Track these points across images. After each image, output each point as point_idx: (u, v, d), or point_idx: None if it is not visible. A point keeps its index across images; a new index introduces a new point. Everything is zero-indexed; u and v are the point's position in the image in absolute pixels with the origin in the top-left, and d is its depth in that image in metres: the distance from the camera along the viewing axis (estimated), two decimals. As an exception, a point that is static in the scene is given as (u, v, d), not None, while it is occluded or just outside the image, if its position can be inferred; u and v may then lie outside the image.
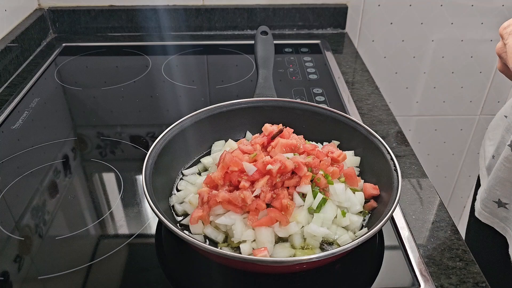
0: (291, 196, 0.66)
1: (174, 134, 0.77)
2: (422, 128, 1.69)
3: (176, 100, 1.10)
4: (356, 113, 1.01)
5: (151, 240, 0.70)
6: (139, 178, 0.81)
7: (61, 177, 0.83)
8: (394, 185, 0.67)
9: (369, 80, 1.17)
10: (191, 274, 0.64)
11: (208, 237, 0.66)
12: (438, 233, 0.71)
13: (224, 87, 1.13)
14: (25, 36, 1.24)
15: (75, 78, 1.18)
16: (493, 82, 1.59)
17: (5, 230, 0.70)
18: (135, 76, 1.18)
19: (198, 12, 1.40)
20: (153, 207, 0.61)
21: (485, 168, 0.94)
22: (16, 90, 1.10)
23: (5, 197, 0.77)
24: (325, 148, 0.75)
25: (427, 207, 0.76)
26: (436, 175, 1.80)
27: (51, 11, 1.38)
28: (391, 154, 0.71)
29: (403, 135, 0.95)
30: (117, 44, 1.36)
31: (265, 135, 0.75)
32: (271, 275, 0.65)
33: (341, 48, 1.36)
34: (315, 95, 1.08)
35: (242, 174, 0.66)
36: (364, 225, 0.69)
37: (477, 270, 0.65)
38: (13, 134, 0.94)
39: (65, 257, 0.66)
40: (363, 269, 0.66)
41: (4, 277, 0.63)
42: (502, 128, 0.89)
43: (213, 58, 1.31)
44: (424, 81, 1.58)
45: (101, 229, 0.71)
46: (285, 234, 0.64)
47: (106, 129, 0.96)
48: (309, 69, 1.21)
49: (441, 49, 1.52)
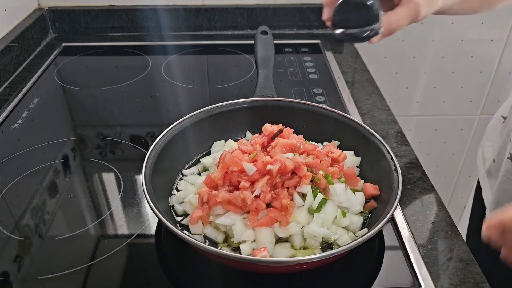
0: (291, 196, 0.66)
1: (174, 134, 0.77)
2: (422, 128, 1.69)
3: (176, 100, 1.10)
4: (356, 113, 1.01)
5: (151, 240, 0.70)
6: (139, 178, 0.81)
7: (61, 177, 0.82)
8: (394, 185, 0.67)
9: (369, 80, 1.17)
10: (191, 274, 0.64)
11: (208, 237, 0.66)
12: (438, 233, 0.71)
13: (224, 87, 1.13)
14: (24, 36, 1.24)
15: (75, 78, 1.18)
16: (493, 82, 1.59)
17: (5, 230, 0.70)
18: (135, 76, 1.18)
19: (198, 12, 1.40)
20: (153, 207, 0.61)
21: (485, 171, 0.94)
22: (16, 90, 1.09)
23: (5, 197, 0.77)
24: (325, 148, 0.75)
25: (427, 207, 0.76)
26: (436, 175, 1.80)
27: (51, 11, 1.37)
28: (391, 154, 0.71)
29: (403, 135, 0.94)
30: (117, 44, 1.35)
31: (265, 135, 0.75)
32: (271, 275, 0.65)
33: (341, 48, 1.36)
34: (315, 95, 1.08)
35: (242, 174, 0.66)
36: (364, 225, 0.69)
37: (477, 270, 0.65)
38: (13, 134, 0.94)
39: (65, 257, 0.66)
40: (363, 269, 0.66)
41: (4, 277, 0.63)
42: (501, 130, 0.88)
43: (213, 58, 1.31)
44: (424, 81, 1.58)
45: (101, 229, 0.71)
46: (285, 234, 0.64)
47: (106, 129, 0.96)
48: (309, 69, 1.21)
49: (441, 49, 1.52)
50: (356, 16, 0.65)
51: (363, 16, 0.65)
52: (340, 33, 0.67)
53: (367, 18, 0.65)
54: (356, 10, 0.65)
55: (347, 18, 0.66)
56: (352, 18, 0.65)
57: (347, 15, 0.65)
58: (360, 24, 0.65)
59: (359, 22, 0.65)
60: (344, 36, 0.67)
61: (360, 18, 0.65)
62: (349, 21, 0.66)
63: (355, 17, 0.65)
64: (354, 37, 0.67)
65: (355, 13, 0.65)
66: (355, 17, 0.65)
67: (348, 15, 0.65)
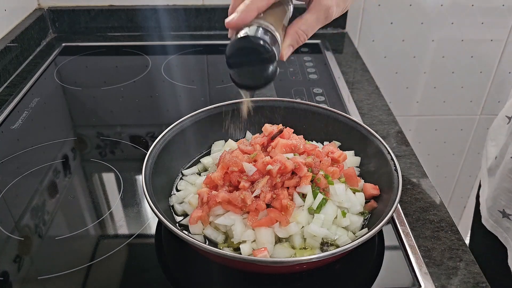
0: (291, 197, 0.66)
1: (174, 134, 0.76)
2: (422, 128, 1.69)
3: (176, 100, 1.10)
4: (356, 113, 1.01)
5: (151, 240, 0.70)
6: (139, 178, 0.81)
7: (60, 177, 0.82)
8: (394, 185, 0.67)
9: (369, 80, 1.17)
10: (191, 274, 0.64)
11: (208, 237, 0.66)
12: (438, 233, 0.71)
13: (224, 87, 1.13)
14: (24, 36, 1.24)
15: (74, 78, 1.18)
16: (494, 82, 1.59)
17: (5, 230, 0.70)
18: (135, 76, 1.18)
19: (198, 12, 1.40)
20: (153, 207, 0.61)
21: (486, 169, 0.94)
22: (15, 90, 1.09)
23: (5, 197, 0.77)
24: (325, 148, 0.75)
25: (427, 207, 0.76)
26: (436, 175, 1.80)
27: (50, 11, 1.37)
28: (391, 154, 0.71)
29: (403, 135, 0.94)
30: (117, 44, 1.35)
31: (265, 135, 0.75)
32: (271, 275, 0.65)
33: (341, 48, 1.36)
34: (315, 95, 1.08)
35: (242, 174, 0.66)
36: (364, 225, 0.69)
37: (477, 270, 0.65)
38: (13, 134, 0.94)
39: (65, 257, 0.66)
40: (363, 269, 0.66)
41: (4, 277, 0.63)
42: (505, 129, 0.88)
43: (213, 58, 1.31)
44: (424, 81, 1.58)
45: (101, 229, 0.71)
46: (285, 234, 0.64)
47: (106, 129, 0.96)
48: (309, 69, 1.21)
49: (441, 49, 1.52)
50: (249, 57, 0.55)
51: (257, 57, 0.55)
52: (235, 73, 0.58)
53: (261, 59, 0.55)
54: (249, 50, 0.55)
55: (240, 59, 0.56)
56: (246, 58, 0.56)
57: (240, 56, 0.56)
58: (255, 66, 0.56)
59: (253, 64, 0.56)
60: (240, 78, 0.58)
61: (254, 58, 0.55)
62: (243, 62, 0.56)
63: (249, 57, 0.56)
64: (250, 79, 0.58)
65: (249, 54, 0.55)
66: (249, 57, 0.56)
67: (241, 56, 0.56)
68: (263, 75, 0.57)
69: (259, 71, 0.57)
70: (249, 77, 0.58)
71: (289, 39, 0.60)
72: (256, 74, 0.57)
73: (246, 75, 0.58)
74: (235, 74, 0.58)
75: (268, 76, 0.57)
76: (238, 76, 0.58)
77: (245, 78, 0.58)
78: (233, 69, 0.58)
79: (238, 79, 0.59)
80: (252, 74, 0.58)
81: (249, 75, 0.58)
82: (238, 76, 0.58)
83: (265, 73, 0.57)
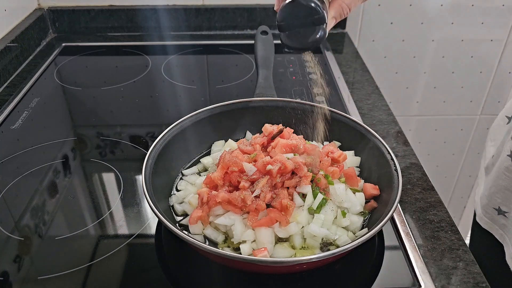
0: (291, 197, 0.66)
1: (174, 134, 0.76)
2: (422, 128, 1.69)
3: (176, 100, 1.10)
4: (356, 113, 1.01)
5: (151, 240, 0.70)
6: (139, 178, 0.81)
7: (60, 177, 0.82)
8: (394, 185, 0.67)
9: (369, 80, 1.17)
10: (191, 274, 0.64)
11: (208, 238, 0.66)
12: (438, 233, 0.71)
13: (224, 87, 1.13)
14: (24, 36, 1.24)
15: (74, 78, 1.18)
16: (493, 82, 1.59)
17: (5, 230, 0.70)
18: (135, 76, 1.18)
19: (198, 12, 1.40)
20: (153, 207, 0.61)
21: (484, 168, 0.94)
22: (15, 90, 1.09)
23: (5, 197, 0.77)
24: (325, 148, 0.75)
25: (427, 207, 0.76)
26: (436, 175, 1.80)
27: (50, 11, 1.37)
28: (391, 154, 0.71)
29: (403, 135, 0.94)
30: (116, 44, 1.35)
31: (265, 135, 0.75)
32: (271, 275, 0.65)
33: (341, 48, 1.36)
34: (315, 95, 1.08)
35: (242, 174, 0.66)
36: (364, 225, 0.69)
37: (477, 270, 0.65)
38: (13, 134, 0.94)
39: (65, 257, 0.66)
40: (363, 269, 0.66)
41: (4, 277, 0.63)
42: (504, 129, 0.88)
43: (213, 58, 1.31)
44: (424, 81, 1.58)
45: (101, 229, 0.71)
46: (285, 234, 0.64)
47: (106, 129, 0.96)
48: (309, 69, 1.21)
49: (441, 49, 1.52)
50: (300, 19, 0.61)
51: (308, 19, 0.61)
52: (285, 36, 0.63)
53: (312, 21, 0.61)
54: (300, 13, 0.61)
55: (291, 21, 0.62)
56: (297, 21, 0.61)
57: (291, 19, 0.62)
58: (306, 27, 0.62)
59: (304, 25, 0.62)
60: (290, 41, 0.63)
61: (305, 21, 0.61)
62: (294, 25, 0.62)
63: (300, 20, 0.61)
64: (300, 41, 0.63)
65: (300, 16, 0.61)
66: (300, 20, 0.61)
67: (292, 19, 0.62)
68: (313, 36, 0.62)
69: (310, 32, 0.61)
70: (300, 39, 0.63)
71: (333, 11, 0.63)
72: (306, 36, 0.62)
73: (297, 37, 0.63)
74: (286, 37, 0.63)
75: (317, 37, 0.62)
76: (288, 39, 0.63)
77: (296, 40, 0.63)
78: (284, 32, 0.62)
79: (288, 41, 0.63)
80: (303, 36, 0.62)
81: (300, 37, 0.63)
82: (288, 38, 0.63)
83: (315, 34, 0.61)
